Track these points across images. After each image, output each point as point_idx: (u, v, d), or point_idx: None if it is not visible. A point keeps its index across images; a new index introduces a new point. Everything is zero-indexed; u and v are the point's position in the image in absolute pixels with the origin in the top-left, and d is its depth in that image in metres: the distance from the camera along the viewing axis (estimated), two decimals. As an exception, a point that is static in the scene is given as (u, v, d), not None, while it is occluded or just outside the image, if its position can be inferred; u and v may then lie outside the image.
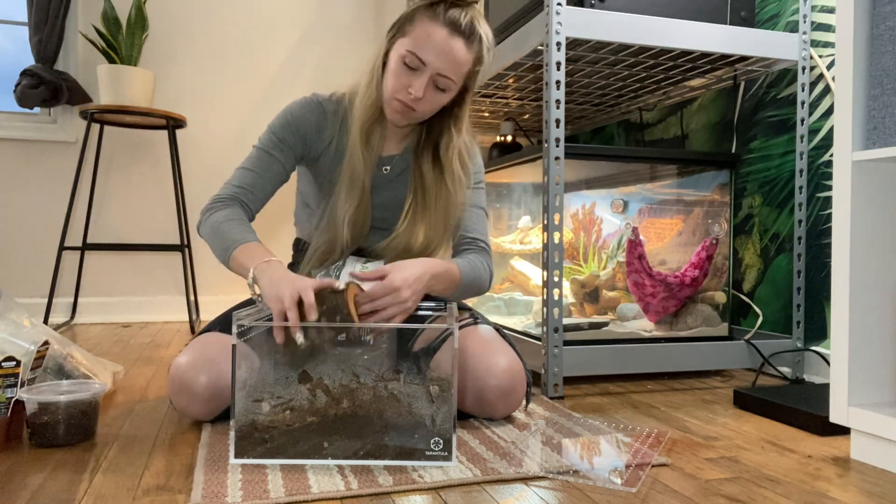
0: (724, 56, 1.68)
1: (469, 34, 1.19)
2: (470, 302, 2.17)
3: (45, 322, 2.46)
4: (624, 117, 2.51)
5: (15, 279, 2.71)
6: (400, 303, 1.08)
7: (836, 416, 1.07)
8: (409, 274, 1.10)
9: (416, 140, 1.33)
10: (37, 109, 2.75)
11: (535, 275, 2.01)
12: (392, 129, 1.31)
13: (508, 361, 1.18)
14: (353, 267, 1.27)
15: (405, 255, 1.28)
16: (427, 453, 0.97)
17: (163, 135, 2.87)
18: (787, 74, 1.79)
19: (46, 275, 2.72)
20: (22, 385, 1.09)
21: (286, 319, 0.99)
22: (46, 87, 2.59)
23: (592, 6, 1.54)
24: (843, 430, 1.19)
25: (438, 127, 1.31)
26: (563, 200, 1.48)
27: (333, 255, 1.29)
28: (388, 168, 1.32)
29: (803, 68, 1.69)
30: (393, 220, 1.31)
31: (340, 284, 1.02)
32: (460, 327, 1.28)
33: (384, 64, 1.24)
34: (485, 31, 1.22)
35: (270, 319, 1.10)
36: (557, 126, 1.47)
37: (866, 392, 1.06)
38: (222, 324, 1.24)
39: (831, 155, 1.66)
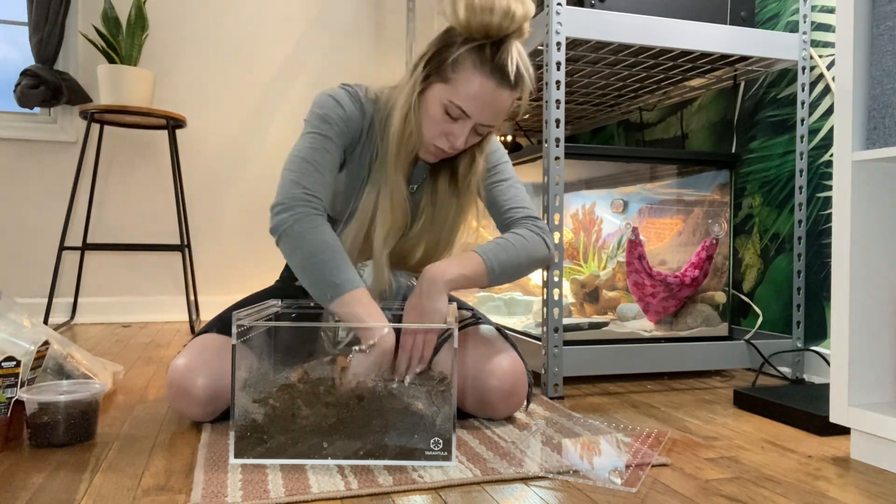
0: (724, 56, 1.68)
1: (516, 82, 1.11)
2: (470, 301, 2.17)
3: (45, 322, 2.46)
4: (624, 117, 2.51)
5: (15, 279, 2.71)
6: (427, 344, 1.11)
7: (836, 416, 1.07)
8: (422, 315, 1.10)
9: None
10: (37, 109, 2.75)
11: (535, 275, 2.01)
12: None
13: (510, 362, 1.18)
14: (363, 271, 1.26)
15: (400, 262, 1.27)
16: (427, 453, 0.97)
17: (163, 135, 2.87)
18: (787, 74, 1.79)
19: (46, 275, 2.72)
20: (22, 385, 1.09)
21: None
22: (46, 87, 2.59)
23: (592, 6, 1.54)
24: (843, 430, 1.19)
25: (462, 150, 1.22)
26: (563, 200, 1.48)
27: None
28: (416, 186, 1.28)
29: (803, 68, 1.69)
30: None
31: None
32: (461, 327, 1.28)
33: (419, 99, 1.15)
34: (529, 71, 1.13)
35: (268, 319, 1.10)
36: (557, 126, 1.47)
37: (866, 392, 1.06)
38: (220, 324, 1.24)
39: (831, 155, 1.66)
